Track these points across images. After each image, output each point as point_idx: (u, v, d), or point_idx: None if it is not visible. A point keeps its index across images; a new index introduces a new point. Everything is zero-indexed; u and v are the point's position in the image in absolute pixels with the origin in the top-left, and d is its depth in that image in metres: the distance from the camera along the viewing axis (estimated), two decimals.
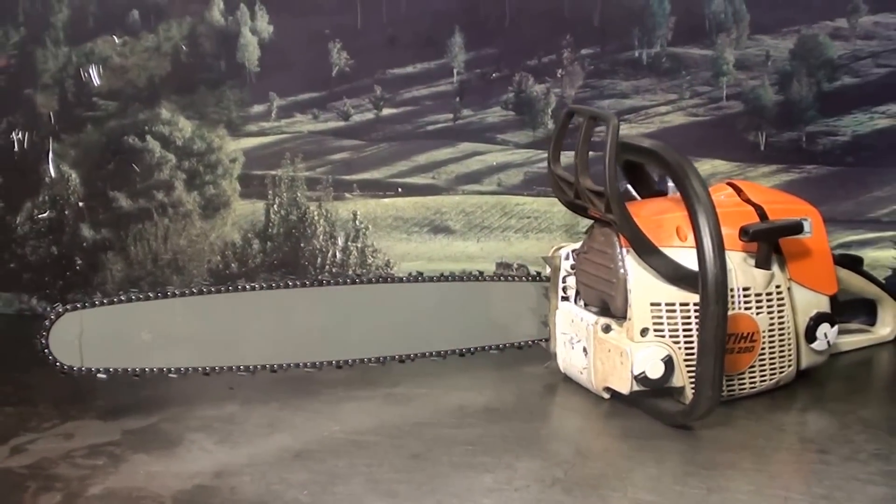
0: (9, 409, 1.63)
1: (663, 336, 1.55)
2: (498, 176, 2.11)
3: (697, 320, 1.49)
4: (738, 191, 1.67)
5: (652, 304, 1.55)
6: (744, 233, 1.56)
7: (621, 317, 1.58)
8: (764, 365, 1.61)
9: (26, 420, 1.58)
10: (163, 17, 2.09)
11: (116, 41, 2.10)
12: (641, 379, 1.54)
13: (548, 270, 1.75)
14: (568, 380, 1.71)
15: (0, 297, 2.19)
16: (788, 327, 1.63)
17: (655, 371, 1.54)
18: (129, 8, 2.09)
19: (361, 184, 2.14)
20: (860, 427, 1.53)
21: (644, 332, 1.55)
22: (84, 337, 1.57)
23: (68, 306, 1.57)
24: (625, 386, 1.56)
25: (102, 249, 2.16)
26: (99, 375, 1.58)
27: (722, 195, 1.64)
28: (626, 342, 1.56)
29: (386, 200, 2.15)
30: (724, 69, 2.02)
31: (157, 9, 2.09)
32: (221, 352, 1.63)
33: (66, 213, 2.16)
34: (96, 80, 2.11)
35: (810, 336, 1.66)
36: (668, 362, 1.54)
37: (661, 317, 1.55)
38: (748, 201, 1.65)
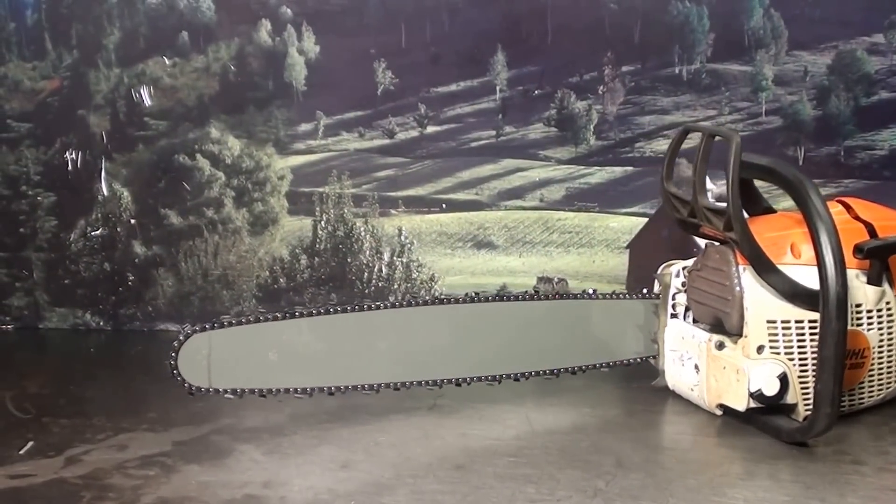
0: (63, 421, 1.65)
1: (778, 353, 1.55)
2: (540, 192, 2.12)
3: (812, 337, 1.51)
4: (848, 208, 1.66)
5: (768, 322, 1.55)
6: (858, 250, 1.56)
7: (736, 334, 1.58)
8: (873, 381, 1.62)
9: (80, 432, 1.60)
10: (212, 38, 2.12)
11: (167, 62, 2.13)
12: (757, 396, 1.54)
13: (657, 287, 1.74)
14: (677, 396, 1.72)
15: (55, 312, 2.21)
16: None
17: (771, 388, 1.54)
18: (178, 30, 2.12)
19: (406, 200, 2.16)
20: (894, 438, 1.55)
21: (760, 349, 1.55)
22: (212, 357, 1.58)
23: (196, 327, 1.57)
24: (741, 403, 1.56)
25: (154, 265, 2.19)
26: (226, 396, 1.59)
27: (832, 212, 1.59)
28: (742, 359, 1.56)
29: (430, 216, 2.17)
30: (763, 85, 2.03)
31: (206, 30, 2.12)
32: (347, 372, 1.64)
33: (119, 230, 2.19)
34: (147, 101, 2.14)
35: None
36: (784, 379, 1.54)
37: (776, 334, 1.55)
38: (858, 218, 1.64)
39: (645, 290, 1.77)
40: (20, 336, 2.20)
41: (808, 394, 1.53)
